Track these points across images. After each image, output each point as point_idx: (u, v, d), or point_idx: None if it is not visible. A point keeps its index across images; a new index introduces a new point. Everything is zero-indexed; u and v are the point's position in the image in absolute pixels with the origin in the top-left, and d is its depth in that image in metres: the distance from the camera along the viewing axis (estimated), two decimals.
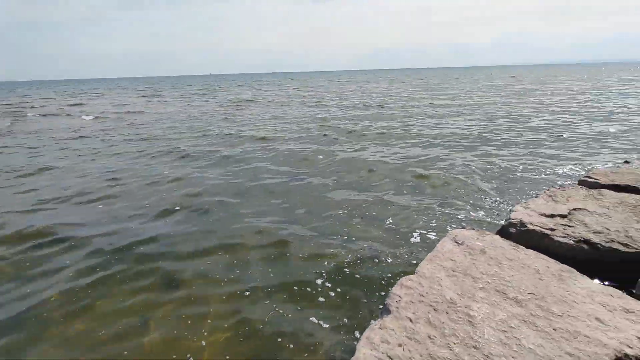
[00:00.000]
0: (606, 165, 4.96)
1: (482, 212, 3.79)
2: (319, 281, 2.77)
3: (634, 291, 2.03)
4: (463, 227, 2.56)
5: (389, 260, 2.99)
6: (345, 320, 2.33)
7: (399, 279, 1.93)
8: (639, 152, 5.87)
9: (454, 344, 1.48)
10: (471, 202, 4.10)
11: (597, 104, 13.11)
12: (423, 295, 1.76)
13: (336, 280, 2.77)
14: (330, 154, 6.54)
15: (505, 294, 1.82)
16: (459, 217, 3.70)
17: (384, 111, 12.94)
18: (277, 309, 2.47)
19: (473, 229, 2.50)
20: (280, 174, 5.47)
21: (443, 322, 1.59)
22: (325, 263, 3.03)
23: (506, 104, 14.24)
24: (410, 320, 1.60)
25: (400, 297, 1.76)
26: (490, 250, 2.20)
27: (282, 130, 9.46)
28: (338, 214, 3.92)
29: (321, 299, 2.56)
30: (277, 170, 5.71)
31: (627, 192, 3.09)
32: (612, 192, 3.04)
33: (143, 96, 28.46)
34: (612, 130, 8.04)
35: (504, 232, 2.66)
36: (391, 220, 3.70)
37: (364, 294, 2.58)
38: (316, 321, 2.32)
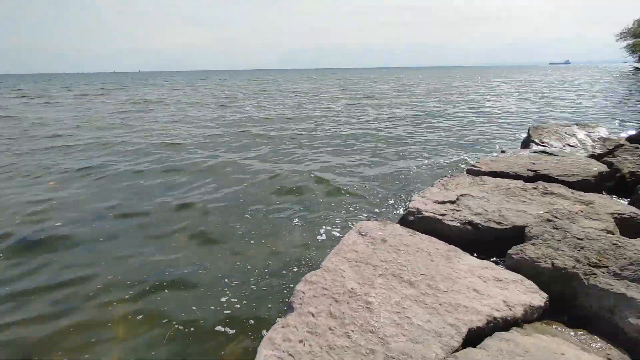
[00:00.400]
0: (489, 156, 5.71)
1: (388, 205, 4.07)
2: (224, 287, 2.68)
3: (504, 262, 2.35)
4: (369, 220, 2.71)
5: (298, 259, 3.02)
6: (252, 322, 2.29)
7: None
8: (514, 144, 6.91)
9: (353, 331, 1.54)
10: (378, 197, 4.36)
11: (492, 104, 15.13)
12: (326, 289, 1.81)
13: (243, 284, 2.71)
14: (230, 161, 6.24)
15: (401, 277, 1.96)
16: (366, 212, 3.92)
17: (299, 112, 13.09)
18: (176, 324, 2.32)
19: (377, 220, 2.66)
20: (176, 188, 5.01)
21: (343, 312, 1.65)
22: (234, 265, 2.96)
23: (413, 103, 15.55)
24: (313, 315, 1.63)
25: (304, 293, 1.78)
26: (390, 238, 2.36)
27: (186, 136, 8.73)
28: (247, 218, 3.86)
29: (227, 306, 2.48)
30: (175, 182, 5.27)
31: (502, 177, 3.60)
32: (490, 178, 3.51)
33: (22, 96, 24.02)
34: (495, 127, 9.35)
35: (404, 221, 2.88)
36: (297, 221, 3.74)
37: (272, 296, 2.56)
38: (222, 329, 2.24)
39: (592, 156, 4.60)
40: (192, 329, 2.25)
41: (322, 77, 51.58)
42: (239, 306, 2.45)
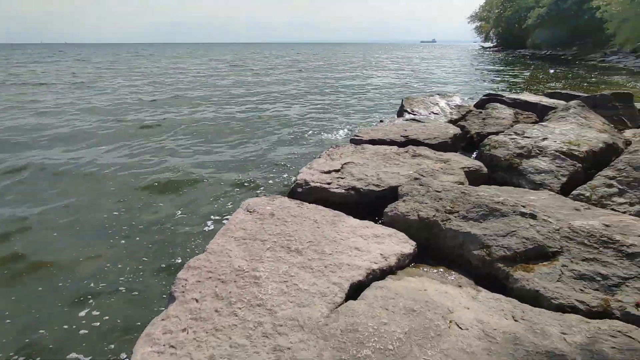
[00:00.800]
0: (371, 125, 6.20)
1: (279, 180, 4.12)
2: (100, 284, 2.37)
3: (382, 220, 2.60)
4: (257, 196, 2.66)
5: (184, 249, 2.84)
6: (136, 323, 2.08)
7: None
8: (387, 113, 7.65)
9: (240, 309, 1.52)
10: (269, 175, 4.35)
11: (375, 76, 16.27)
12: (211, 272, 1.73)
13: (118, 288, 2.43)
14: (92, 160, 5.32)
15: (289, 248, 2.00)
16: (258, 190, 3.90)
17: (184, 93, 12.04)
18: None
19: (265, 196, 2.64)
20: None
21: (230, 292, 1.60)
22: (109, 263, 2.63)
23: (304, 79, 15.76)
24: (197, 301, 1.55)
25: (186, 280, 1.67)
26: (278, 211, 2.38)
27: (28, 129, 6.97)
28: (118, 206, 3.46)
29: (98, 308, 2.21)
30: None
31: (380, 144, 3.94)
32: (370, 145, 3.80)
33: None
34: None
35: (293, 193, 2.93)
36: (181, 214, 3.48)
37: (155, 295, 2.36)
38: (93, 335, 1.99)
39: (450, 121, 5.37)
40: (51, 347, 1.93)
41: (207, 53, 48.11)
42: (108, 317, 2.17)
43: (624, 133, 4.50)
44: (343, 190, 2.89)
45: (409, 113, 5.61)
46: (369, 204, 2.92)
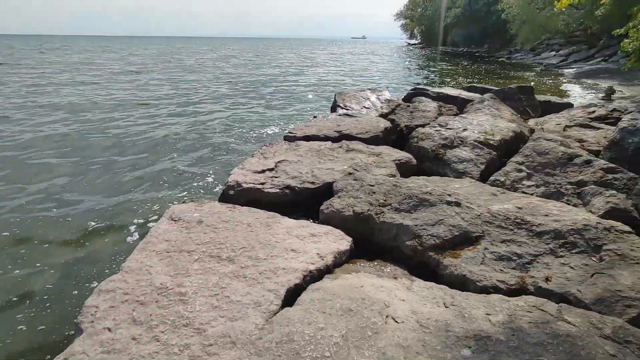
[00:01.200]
0: (305, 121, 6.14)
1: (208, 183, 3.87)
2: None
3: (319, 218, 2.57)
4: (184, 202, 2.45)
5: (98, 266, 2.53)
6: None
7: None
8: (321, 109, 7.70)
9: (163, 332, 1.36)
10: (197, 179, 4.03)
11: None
12: (128, 293, 1.53)
13: (17, 319, 2.08)
14: None
15: (219, 256, 1.86)
16: (184, 195, 3.59)
17: (93, 90, 10.90)
18: None
19: (192, 201, 2.44)
20: None
21: (151, 315, 1.43)
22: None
23: (232, 75, 15.20)
24: (109, 330, 1.35)
25: (97, 307, 1.46)
26: (207, 218, 2.21)
27: None
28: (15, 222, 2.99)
29: None
30: None
31: (314, 140, 3.91)
32: (304, 142, 3.75)
33: None
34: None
35: (224, 197, 2.77)
36: (98, 222, 3.13)
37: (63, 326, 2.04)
38: None
39: (381, 115, 5.55)
40: None
41: (126, 47, 44.07)
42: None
43: (528, 122, 5.04)
44: (277, 190, 2.80)
45: (342, 108, 5.67)
46: (304, 202, 2.87)
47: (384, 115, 5.50)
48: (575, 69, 15.94)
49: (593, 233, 1.83)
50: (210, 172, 4.18)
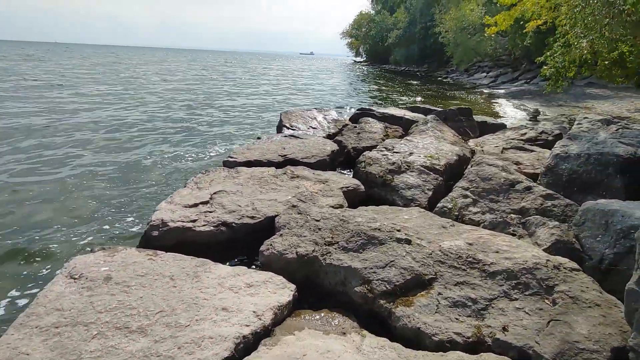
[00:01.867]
0: (247, 142, 5.80)
1: (126, 223, 3.19)
2: None
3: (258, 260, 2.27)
4: (91, 251, 2.02)
5: None
6: None
7: None
8: (267, 128, 7.39)
9: None
10: (113, 217, 3.31)
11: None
12: None
13: None
14: None
15: (128, 328, 1.49)
16: (93, 241, 2.85)
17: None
18: None
19: (103, 249, 2.02)
20: None
21: None
22: None
23: (176, 90, 14.37)
24: None
25: None
26: (118, 272, 1.81)
27: None
28: None
29: None
30: None
31: (256, 166, 3.62)
32: (245, 168, 3.45)
33: None
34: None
35: (146, 240, 2.36)
36: None
37: None
38: None
39: (328, 136, 5.43)
40: None
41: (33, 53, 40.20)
42: None
43: (468, 142, 5.22)
44: (212, 228, 2.46)
45: (288, 128, 5.46)
46: (244, 240, 2.56)
47: (331, 136, 5.38)
48: (503, 90, 17.47)
49: (544, 272, 1.76)
50: (131, 207, 3.49)
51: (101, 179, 4.20)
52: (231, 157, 3.75)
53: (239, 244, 2.55)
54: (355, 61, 73.68)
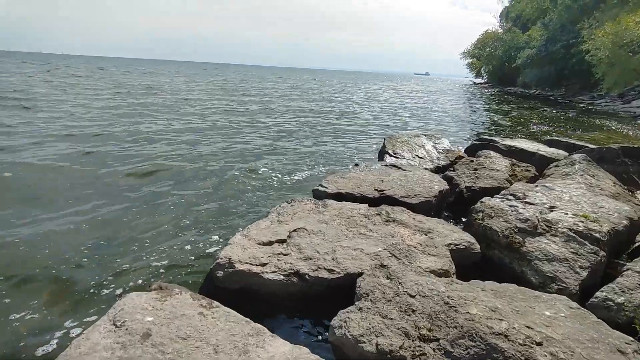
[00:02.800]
0: (345, 169, 5.39)
1: (198, 253, 2.88)
2: None
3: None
4: (148, 286, 1.82)
5: None
6: None
7: None
8: (368, 153, 6.85)
9: None
10: (189, 234, 3.14)
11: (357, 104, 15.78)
12: None
13: None
14: None
15: None
16: (162, 263, 2.68)
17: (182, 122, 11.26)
18: None
19: (158, 289, 1.79)
20: None
21: None
22: None
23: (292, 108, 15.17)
24: None
25: None
26: (161, 327, 1.53)
27: None
28: None
29: None
30: None
31: (347, 200, 3.16)
32: (334, 202, 3.02)
33: None
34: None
35: (209, 281, 2.10)
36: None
37: None
38: None
39: (436, 169, 4.67)
40: None
41: (198, 73, 47.75)
42: None
43: (637, 195, 3.83)
44: (282, 277, 2.07)
45: (391, 155, 4.90)
46: (318, 297, 2.10)
47: (439, 169, 4.62)
48: None
49: None
50: (212, 230, 3.27)
51: (188, 193, 4.22)
52: (321, 187, 3.38)
53: (310, 300, 2.10)
54: (474, 82, 68.47)
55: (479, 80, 66.93)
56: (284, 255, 2.24)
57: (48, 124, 7.72)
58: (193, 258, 2.82)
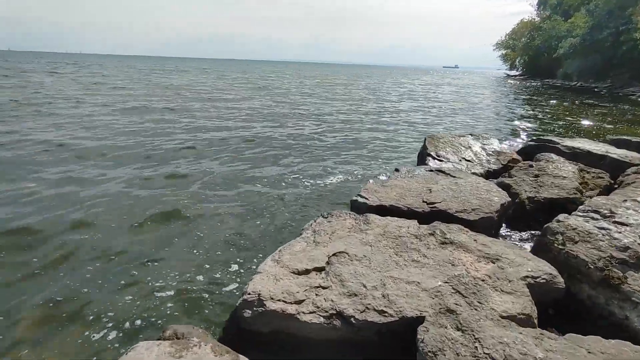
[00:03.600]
0: (383, 173, 4.95)
1: (222, 289, 2.42)
2: None
3: None
4: (161, 334, 1.49)
5: None
6: None
7: None
8: (404, 155, 6.32)
9: None
10: (214, 255, 2.75)
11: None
12: None
13: None
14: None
15: None
16: (182, 296, 2.30)
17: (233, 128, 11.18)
18: None
19: (174, 336, 1.46)
20: None
21: None
22: None
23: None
24: None
25: None
26: None
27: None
28: None
29: None
30: None
31: (392, 214, 2.74)
32: (378, 217, 2.60)
33: None
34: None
35: (236, 320, 1.75)
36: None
37: None
38: None
39: (487, 173, 4.14)
40: None
41: (227, 69, 48.20)
42: None
43: None
44: (322, 319, 1.69)
45: (434, 158, 4.40)
46: (366, 344, 1.71)
47: (491, 175, 4.10)
48: None
49: None
50: (231, 255, 2.80)
51: (205, 205, 3.84)
52: (361, 197, 2.97)
53: (355, 348, 1.71)
54: (508, 75, 65.35)
55: (513, 72, 63.84)
56: (324, 288, 1.86)
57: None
58: (214, 288, 2.45)
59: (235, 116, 9.72)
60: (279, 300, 1.74)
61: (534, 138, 4.88)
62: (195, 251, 2.91)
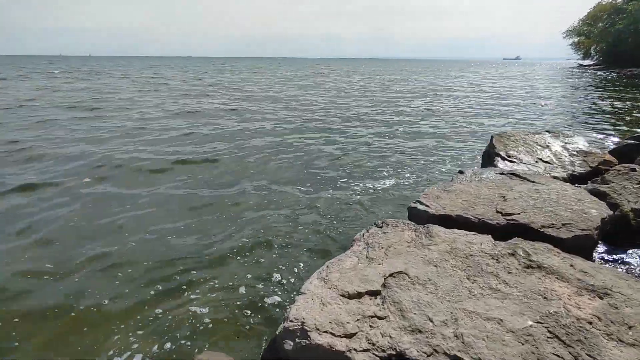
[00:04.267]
0: (444, 175, 4.43)
1: (265, 305, 2.19)
2: None
3: None
4: None
5: None
6: None
7: None
8: (466, 155, 5.71)
9: None
10: (249, 280, 2.44)
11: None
12: None
13: None
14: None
15: None
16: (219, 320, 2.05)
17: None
18: None
19: None
20: None
21: None
22: None
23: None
24: None
25: None
26: None
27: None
28: None
29: None
30: None
31: (460, 225, 2.32)
32: (442, 230, 2.21)
33: None
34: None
35: (273, 351, 1.49)
36: None
37: None
38: None
39: (571, 177, 3.51)
40: None
41: (288, 67, 48.96)
42: None
43: None
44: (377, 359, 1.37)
45: (504, 159, 3.84)
46: None
47: (576, 179, 3.47)
48: None
49: None
50: (269, 270, 2.53)
51: (238, 208, 3.62)
52: (420, 204, 2.58)
53: None
54: (580, 65, 58.91)
55: (587, 61, 57.44)
56: (380, 319, 1.54)
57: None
58: (250, 310, 2.17)
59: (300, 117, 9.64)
60: (325, 331, 1.46)
61: (634, 136, 4.06)
62: (238, 258, 2.73)
